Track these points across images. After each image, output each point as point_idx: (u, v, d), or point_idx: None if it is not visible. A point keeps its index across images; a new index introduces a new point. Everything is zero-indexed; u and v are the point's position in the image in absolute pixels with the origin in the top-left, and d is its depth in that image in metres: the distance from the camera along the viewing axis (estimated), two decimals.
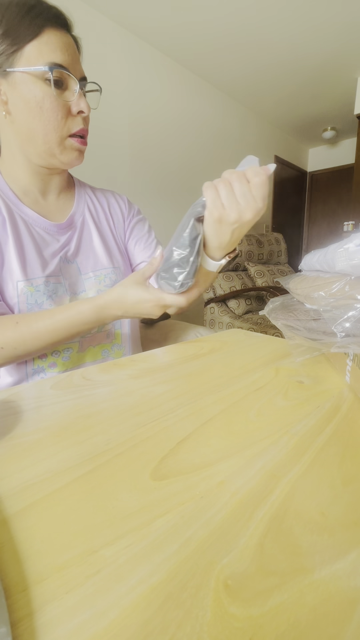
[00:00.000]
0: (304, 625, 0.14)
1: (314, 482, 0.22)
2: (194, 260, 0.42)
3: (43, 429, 0.29)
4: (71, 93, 0.52)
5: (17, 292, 0.54)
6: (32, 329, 0.48)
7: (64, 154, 0.55)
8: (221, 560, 0.17)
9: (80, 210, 0.65)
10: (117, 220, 0.70)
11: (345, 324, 0.30)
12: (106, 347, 0.64)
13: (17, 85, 0.49)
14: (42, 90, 0.49)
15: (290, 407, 0.33)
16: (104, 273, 0.64)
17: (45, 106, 0.50)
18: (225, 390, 0.37)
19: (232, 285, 2.29)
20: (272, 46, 2.61)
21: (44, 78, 0.49)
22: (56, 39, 0.49)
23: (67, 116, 0.52)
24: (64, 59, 0.50)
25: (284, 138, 4.45)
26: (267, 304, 0.46)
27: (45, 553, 0.17)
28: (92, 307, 0.49)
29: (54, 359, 0.58)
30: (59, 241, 0.60)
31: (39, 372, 0.57)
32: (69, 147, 0.54)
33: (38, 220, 0.58)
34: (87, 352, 0.62)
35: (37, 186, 0.59)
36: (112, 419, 0.31)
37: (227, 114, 3.37)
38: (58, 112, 0.51)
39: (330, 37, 2.52)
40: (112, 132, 2.33)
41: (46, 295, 0.56)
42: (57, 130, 0.52)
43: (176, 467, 0.24)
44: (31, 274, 0.55)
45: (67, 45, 0.50)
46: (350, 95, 3.37)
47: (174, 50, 2.61)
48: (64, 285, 0.59)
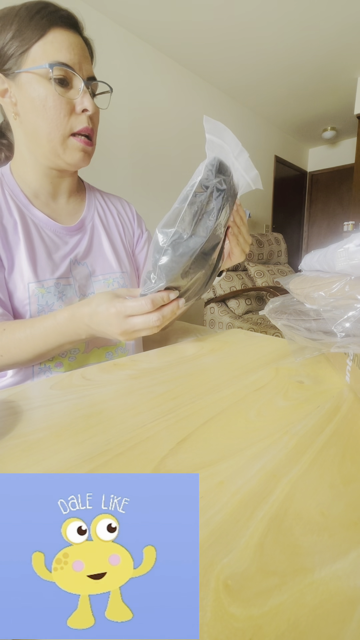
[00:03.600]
0: (304, 625, 0.14)
1: (314, 482, 0.22)
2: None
3: (43, 429, 0.29)
4: (76, 91, 0.52)
5: (29, 294, 0.54)
6: (15, 338, 0.47)
7: (67, 154, 0.55)
8: (221, 560, 0.17)
9: (90, 214, 0.66)
10: (126, 228, 0.72)
11: (345, 324, 0.30)
12: (110, 350, 0.65)
13: (24, 86, 0.50)
14: (46, 89, 0.50)
15: (290, 407, 0.33)
16: (112, 277, 0.64)
17: (48, 104, 0.50)
18: (225, 390, 0.37)
19: (232, 285, 2.29)
20: (272, 46, 2.61)
21: (48, 77, 0.49)
22: (62, 38, 0.49)
23: (70, 114, 0.52)
24: (69, 57, 0.50)
25: (284, 138, 4.45)
26: (267, 304, 0.46)
27: None
28: (67, 317, 0.47)
29: (61, 359, 0.58)
30: (69, 244, 0.61)
31: (45, 371, 0.57)
32: (72, 146, 0.54)
33: (49, 223, 0.59)
34: (91, 353, 0.62)
35: (47, 188, 0.60)
36: (112, 419, 0.31)
37: (227, 114, 3.37)
38: (61, 110, 0.51)
39: (330, 37, 2.52)
40: (112, 132, 2.33)
41: (56, 296, 0.56)
42: (60, 129, 0.52)
43: (176, 467, 0.24)
44: (42, 276, 0.56)
45: (73, 44, 0.50)
46: (350, 95, 3.37)
47: (174, 50, 2.61)
48: (74, 287, 0.60)
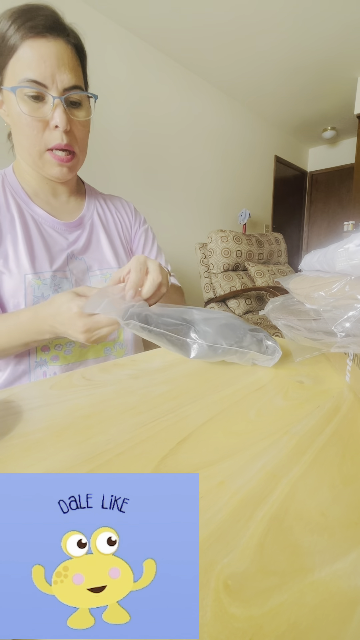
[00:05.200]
0: (304, 626, 0.14)
1: (314, 482, 0.22)
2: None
3: (43, 429, 0.29)
4: (49, 107, 0.50)
5: (25, 285, 0.55)
6: None
7: (46, 168, 0.55)
8: (221, 560, 0.17)
9: (90, 213, 0.67)
10: (124, 225, 0.72)
11: (345, 324, 0.30)
12: (109, 345, 0.65)
13: (7, 102, 0.52)
14: (20, 107, 0.49)
15: (290, 407, 0.33)
16: (109, 272, 0.65)
17: (22, 122, 0.51)
18: (225, 390, 0.37)
19: (232, 285, 2.28)
20: (272, 46, 2.61)
21: (21, 95, 0.49)
22: (32, 52, 0.47)
23: (44, 130, 0.51)
24: (39, 72, 0.48)
25: (284, 138, 4.45)
26: (267, 304, 0.46)
27: None
28: (30, 317, 0.47)
29: (57, 352, 0.59)
30: (68, 239, 0.62)
31: (41, 364, 0.58)
32: (49, 162, 0.54)
33: (47, 219, 0.60)
34: (89, 348, 0.63)
35: (45, 189, 0.61)
36: (112, 419, 0.31)
37: (227, 114, 3.37)
38: (34, 127, 0.51)
39: (330, 37, 2.52)
40: (112, 132, 2.33)
41: (52, 289, 0.57)
42: (35, 145, 0.52)
43: (176, 467, 0.24)
44: (39, 268, 0.57)
45: (45, 56, 0.48)
46: (350, 95, 3.37)
47: (174, 50, 2.61)
48: (70, 280, 0.61)
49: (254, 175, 3.92)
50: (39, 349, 0.57)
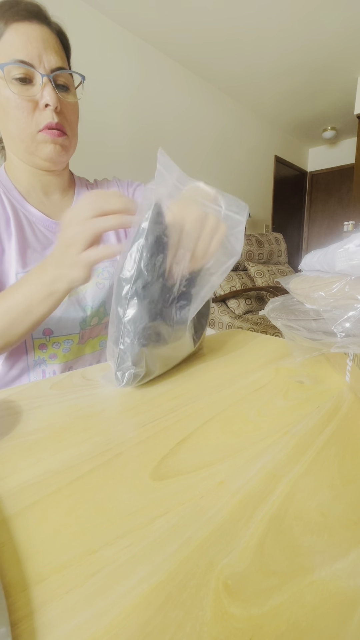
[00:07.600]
0: (304, 626, 0.14)
1: (314, 482, 0.22)
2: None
3: (43, 429, 0.29)
4: (37, 87, 0.50)
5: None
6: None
7: (39, 150, 0.54)
8: (221, 560, 0.17)
9: None
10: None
11: (345, 324, 0.30)
12: (104, 338, 0.65)
13: None
14: (8, 90, 0.49)
15: (290, 407, 0.33)
16: (101, 266, 0.64)
17: (11, 105, 0.50)
18: (225, 390, 0.37)
19: (232, 285, 2.29)
20: (272, 46, 2.61)
21: (9, 77, 0.49)
22: (17, 35, 0.48)
23: (34, 111, 0.51)
24: (26, 52, 0.48)
25: (284, 138, 4.45)
26: (267, 304, 0.46)
27: (45, 553, 0.17)
28: (27, 275, 0.42)
29: (55, 350, 0.59)
30: None
31: (39, 363, 0.58)
32: (42, 140, 0.53)
33: (41, 219, 0.59)
34: (86, 344, 0.63)
35: (37, 187, 0.60)
36: (112, 419, 0.31)
37: (227, 114, 3.37)
38: (23, 109, 0.50)
39: (330, 37, 2.52)
40: (111, 132, 2.33)
41: None
42: (26, 128, 0.52)
43: (176, 467, 0.24)
44: (31, 267, 0.56)
45: (31, 37, 0.49)
46: (350, 95, 3.37)
47: (174, 50, 2.61)
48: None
49: (254, 175, 3.92)
50: (36, 348, 0.57)
